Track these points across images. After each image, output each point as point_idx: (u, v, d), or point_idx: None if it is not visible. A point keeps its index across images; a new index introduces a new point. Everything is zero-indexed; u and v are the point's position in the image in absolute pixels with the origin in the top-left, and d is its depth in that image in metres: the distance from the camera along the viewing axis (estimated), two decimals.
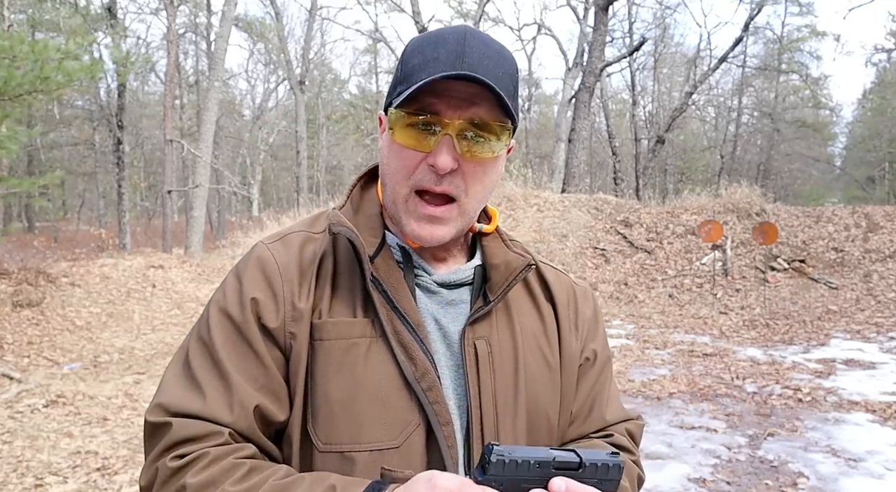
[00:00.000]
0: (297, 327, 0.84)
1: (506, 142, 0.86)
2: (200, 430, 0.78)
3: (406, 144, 0.84)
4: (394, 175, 0.86)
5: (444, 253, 0.93)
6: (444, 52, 0.81)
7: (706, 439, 4.52)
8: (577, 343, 0.98)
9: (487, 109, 0.82)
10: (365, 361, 0.83)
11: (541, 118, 37.14)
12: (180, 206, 28.39)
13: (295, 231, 0.93)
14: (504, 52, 0.86)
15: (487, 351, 0.88)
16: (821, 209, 12.49)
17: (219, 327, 0.84)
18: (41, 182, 8.84)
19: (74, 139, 25.25)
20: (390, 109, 0.85)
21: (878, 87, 31.69)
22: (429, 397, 0.81)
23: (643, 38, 19.49)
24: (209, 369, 0.83)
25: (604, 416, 0.99)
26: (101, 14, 17.47)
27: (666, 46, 28.24)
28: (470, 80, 0.80)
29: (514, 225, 12.10)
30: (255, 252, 0.90)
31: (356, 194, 0.96)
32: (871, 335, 7.83)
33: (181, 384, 0.83)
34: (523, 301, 0.96)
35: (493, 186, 0.90)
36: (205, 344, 0.84)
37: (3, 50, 6.32)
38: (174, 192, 16.89)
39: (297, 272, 0.87)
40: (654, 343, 7.69)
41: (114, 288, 8.97)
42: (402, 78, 0.84)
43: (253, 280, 0.86)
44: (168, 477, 0.76)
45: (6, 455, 4.09)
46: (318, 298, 0.86)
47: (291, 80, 22.86)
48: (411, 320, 0.84)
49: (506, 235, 0.97)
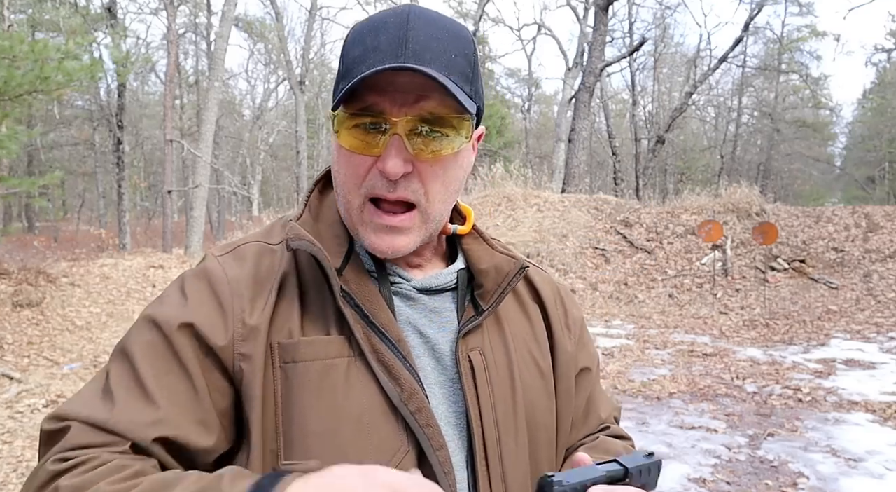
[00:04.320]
0: (248, 347, 0.73)
1: (466, 134, 0.76)
2: (99, 439, 0.68)
3: (353, 148, 0.75)
4: (344, 183, 0.77)
5: (417, 259, 0.85)
6: (384, 39, 0.72)
7: (706, 439, 4.52)
8: (571, 344, 0.93)
9: (439, 101, 0.73)
10: (345, 384, 0.73)
11: (541, 118, 37.18)
12: (180, 206, 28.40)
13: (249, 242, 0.83)
14: (455, 29, 0.76)
15: (483, 363, 0.81)
16: (821, 209, 12.49)
17: (146, 340, 0.74)
18: (41, 182, 8.83)
19: (74, 139, 25.26)
20: (336, 110, 0.76)
21: (878, 87, 31.71)
22: (418, 421, 0.73)
23: (643, 38, 19.50)
24: (126, 382, 0.72)
25: (600, 415, 0.97)
26: (101, 14, 17.48)
27: (666, 46, 28.27)
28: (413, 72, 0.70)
29: (514, 225, 12.10)
30: (204, 264, 0.80)
31: (314, 201, 0.86)
32: (871, 335, 7.83)
33: (91, 394, 0.72)
34: (510, 304, 0.89)
35: (459, 183, 0.81)
36: (127, 356, 0.74)
37: (3, 50, 6.32)
38: (174, 192, 16.89)
39: (249, 287, 0.76)
40: (654, 343, 7.69)
41: (114, 288, 8.97)
42: (344, 72, 0.75)
43: (197, 294, 0.76)
44: (44, 482, 0.65)
45: (6, 455, 4.10)
46: (282, 316, 0.76)
47: (291, 80, 22.85)
48: (391, 336, 0.75)
49: (486, 234, 0.89)
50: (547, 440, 0.86)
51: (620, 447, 0.92)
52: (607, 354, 7.14)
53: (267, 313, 0.75)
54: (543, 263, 11.15)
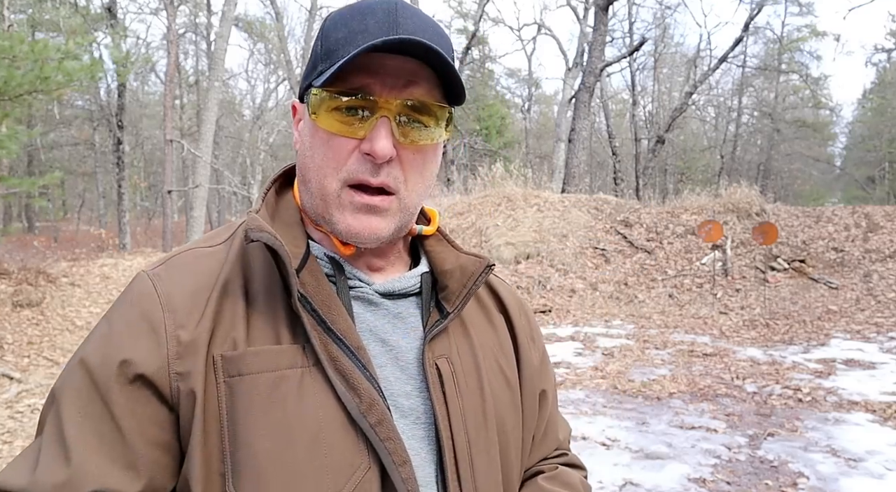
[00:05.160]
0: (185, 364, 0.68)
1: (445, 126, 0.75)
2: None
3: (334, 131, 0.71)
4: (320, 168, 0.73)
5: (380, 261, 0.80)
6: (373, 22, 0.70)
7: (706, 439, 4.52)
8: (536, 357, 0.90)
9: (427, 89, 0.72)
10: (298, 396, 0.68)
11: (541, 118, 37.17)
12: (180, 206, 28.41)
13: (183, 251, 0.78)
14: (439, 28, 0.75)
15: (451, 371, 0.76)
16: (821, 209, 12.49)
17: (71, 384, 0.69)
18: (41, 182, 8.82)
19: (74, 139, 25.28)
20: (311, 90, 0.72)
21: (878, 87, 31.71)
22: (379, 434, 0.68)
23: (643, 38, 19.49)
24: (51, 435, 0.68)
25: (557, 436, 0.94)
26: (101, 14, 17.49)
27: (666, 46, 28.26)
28: (412, 49, 0.68)
29: (514, 225, 12.10)
30: (131, 285, 0.74)
31: (271, 198, 0.81)
32: (871, 335, 7.82)
33: (24, 454, 0.70)
34: (475, 313, 0.85)
35: (433, 177, 0.78)
36: (56, 403, 0.70)
37: (3, 50, 6.32)
38: (174, 192, 16.89)
39: (183, 298, 0.71)
40: (654, 343, 7.69)
41: (114, 288, 8.97)
42: (324, 55, 0.72)
43: (124, 320, 0.71)
44: None
45: (6, 455, 4.09)
46: (225, 325, 0.70)
47: (291, 80, 22.84)
48: (350, 343, 0.70)
49: (449, 236, 0.86)
50: (516, 453, 0.83)
51: (577, 481, 0.90)
52: (607, 354, 7.15)
53: (206, 324, 0.69)
54: (543, 263, 11.16)
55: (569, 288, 10.54)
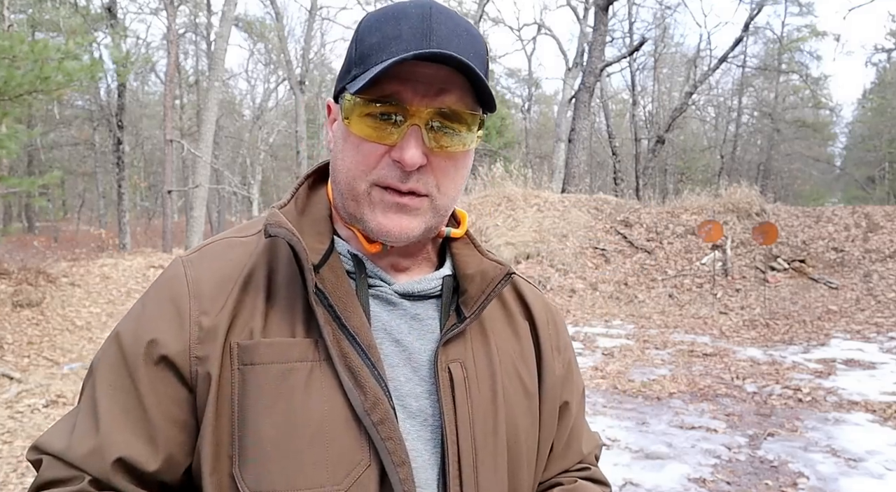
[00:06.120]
0: (205, 349, 0.71)
1: (477, 132, 0.75)
2: (62, 473, 0.70)
3: (365, 136, 0.72)
4: (349, 170, 0.74)
5: (406, 261, 0.81)
6: (406, 28, 0.70)
7: (706, 439, 4.52)
8: (560, 368, 0.88)
9: (459, 97, 0.72)
10: (305, 389, 0.70)
11: (541, 118, 37.17)
12: (180, 206, 28.41)
13: (218, 239, 0.81)
14: (473, 30, 0.75)
15: (463, 376, 0.76)
16: (821, 209, 12.49)
17: (107, 357, 0.74)
18: (41, 182, 8.81)
19: (74, 139, 25.28)
20: (345, 96, 0.74)
21: (878, 87, 31.71)
22: (380, 433, 0.68)
23: (643, 38, 19.49)
24: (86, 404, 0.73)
25: (581, 449, 0.92)
26: (101, 14, 17.48)
27: (666, 46, 28.26)
28: (443, 60, 0.68)
29: (514, 225, 12.10)
30: (168, 268, 0.78)
31: (302, 194, 0.83)
32: (871, 335, 7.82)
33: (63, 421, 0.75)
34: (497, 318, 0.84)
35: (465, 181, 0.79)
36: (92, 375, 0.75)
37: (3, 50, 6.32)
38: (174, 192, 16.90)
39: (210, 285, 0.74)
40: (654, 343, 7.69)
41: (114, 288, 8.97)
42: (358, 59, 0.73)
43: (156, 303, 0.75)
44: None
45: (6, 455, 4.09)
46: (245, 314, 0.73)
47: (291, 80, 22.84)
48: (361, 340, 0.71)
49: (477, 240, 0.87)
50: (528, 463, 0.82)
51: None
52: (607, 354, 7.15)
53: (227, 312, 0.72)
54: (543, 263, 11.15)
55: (569, 288, 10.54)
